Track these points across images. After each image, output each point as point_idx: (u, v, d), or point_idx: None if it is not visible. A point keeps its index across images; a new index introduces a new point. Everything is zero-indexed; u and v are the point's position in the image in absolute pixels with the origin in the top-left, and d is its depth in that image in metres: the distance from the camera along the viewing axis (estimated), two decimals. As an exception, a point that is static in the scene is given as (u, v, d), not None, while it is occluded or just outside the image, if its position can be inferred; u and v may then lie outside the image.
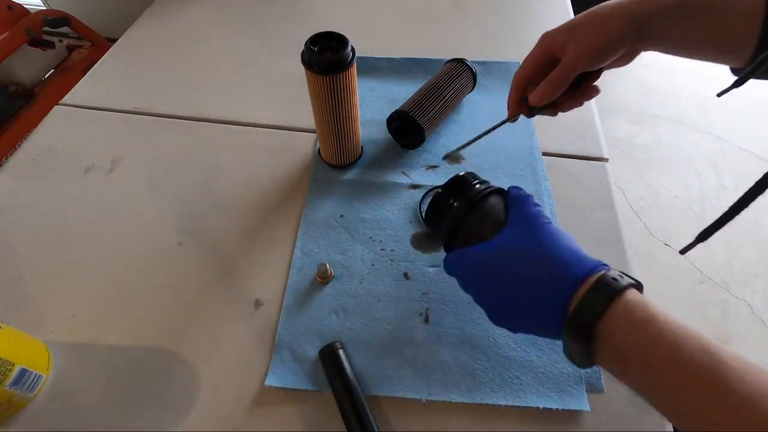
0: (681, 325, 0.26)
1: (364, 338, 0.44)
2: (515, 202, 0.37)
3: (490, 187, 0.40)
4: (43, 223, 0.54)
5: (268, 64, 0.75)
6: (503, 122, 0.49)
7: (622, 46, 0.38)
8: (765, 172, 0.35)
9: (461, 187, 0.41)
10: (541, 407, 0.39)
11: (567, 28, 0.40)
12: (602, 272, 0.29)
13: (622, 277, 0.29)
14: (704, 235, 0.40)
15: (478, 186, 0.41)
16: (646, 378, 0.26)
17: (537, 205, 0.36)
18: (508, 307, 0.33)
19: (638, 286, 0.30)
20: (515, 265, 0.32)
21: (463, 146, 0.57)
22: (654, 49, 0.40)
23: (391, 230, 0.52)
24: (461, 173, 0.42)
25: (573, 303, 0.29)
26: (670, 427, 0.39)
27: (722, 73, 0.41)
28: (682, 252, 0.42)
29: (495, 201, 0.40)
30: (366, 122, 0.62)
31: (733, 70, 0.39)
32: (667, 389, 0.25)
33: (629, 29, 0.37)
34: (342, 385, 0.39)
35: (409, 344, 0.44)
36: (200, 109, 0.67)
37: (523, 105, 0.45)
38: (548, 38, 0.42)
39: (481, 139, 0.54)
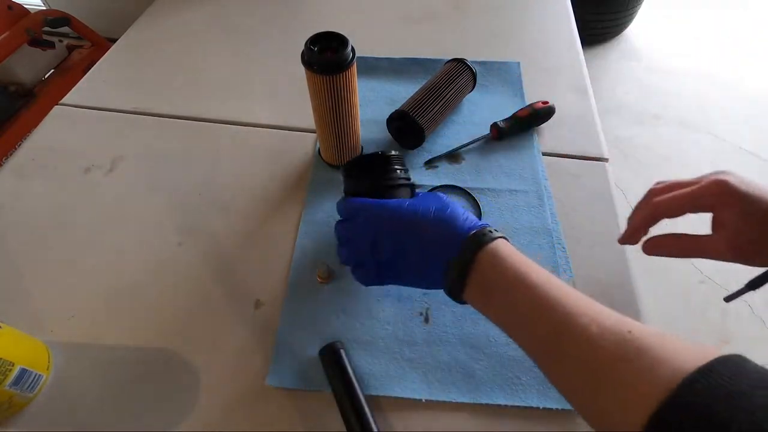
0: (528, 262, 0.32)
1: (364, 338, 0.44)
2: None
3: (404, 179, 0.43)
4: (43, 223, 0.54)
5: (268, 63, 0.75)
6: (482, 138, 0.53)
7: None
8: None
9: (383, 164, 0.43)
10: (541, 407, 0.39)
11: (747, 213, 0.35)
12: (481, 228, 0.34)
13: (494, 231, 0.34)
14: (755, 284, 0.38)
15: (397, 173, 0.43)
16: (501, 301, 0.32)
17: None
18: (399, 259, 0.36)
19: (506, 239, 0.35)
20: (417, 223, 0.35)
21: (445, 155, 0.59)
22: None
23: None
24: (392, 153, 0.44)
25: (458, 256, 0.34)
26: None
27: (723, 73, 0.41)
28: (728, 300, 0.41)
29: (403, 194, 0.43)
30: (366, 122, 0.62)
31: None
32: (514, 306, 0.31)
33: None
34: (342, 385, 0.39)
35: (409, 344, 0.44)
36: (200, 109, 0.67)
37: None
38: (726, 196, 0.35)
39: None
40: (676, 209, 0.37)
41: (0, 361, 0.36)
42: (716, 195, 0.35)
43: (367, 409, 0.38)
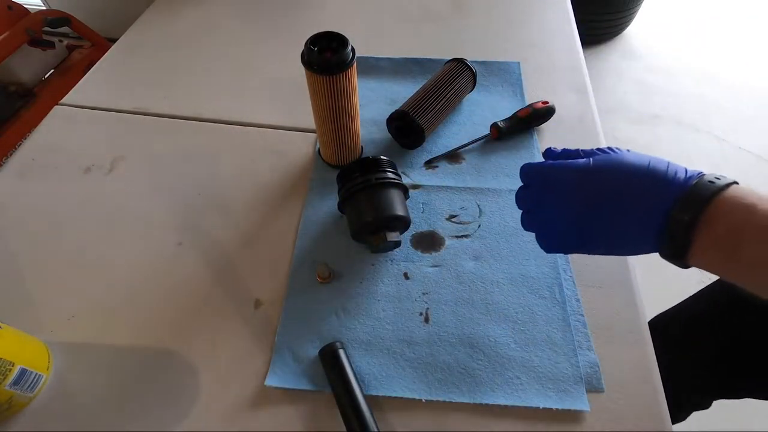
0: None
1: (364, 338, 0.44)
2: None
3: (394, 179, 0.46)
4: (44, 223, 0.54)
5: (269, 64, 0.75)
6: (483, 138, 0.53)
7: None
8: None
9: (374, 166, 0.47)
10: (541, 407, 0.39)
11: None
12: (701, 175, 0.29)
13: (721, 177, 0.29)
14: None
15: (388, 174, 0.47)
16: (760, 253, 0.26)
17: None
18: (595, 222, 0.32)
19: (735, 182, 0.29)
20: (615, 180, 0.31)
21: (445, 155, 0.59)
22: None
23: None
24: (382, 157, 0.48)
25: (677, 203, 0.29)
26: (669, 426, 0.39)
27: (723, 73, 0.41)
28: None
29: (393, 193, 0.46)
30: (366, 122, 0.62)
31: None
32: None
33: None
34: (342, 385, 0.39)
35: (409, 344, 0.44)
36: (200, 109, 0.67)
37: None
38: None
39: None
40: None
41: (0, 361, 0.36)
42: None
43: (367, 409, 0.38)
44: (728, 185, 0.28)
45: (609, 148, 0.34)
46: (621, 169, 0.31)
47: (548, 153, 0.38)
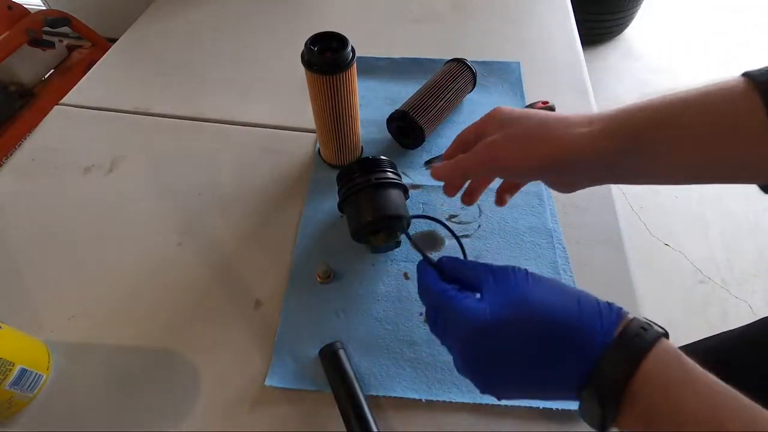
0: (721, 387, 0.22)
1: (364, 338, 0.44)
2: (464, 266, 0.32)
3: (394, 180, 0.46)
4: (43, 223, 0.54)
5: (268, 64, 0.75)
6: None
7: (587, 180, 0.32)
8: None
9: (374, 166, 0.46)
10: (541, 407, 0.39)
11: (513, 141, 0.33)
12: (626, 321, 0.25)
13: (649, 326, 0.24)
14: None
15: (388, 174, 0.46)
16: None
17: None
18: (511, 381, 0.27)
19: (666, 335, 0.25)
20: (521, 338, 0.26)
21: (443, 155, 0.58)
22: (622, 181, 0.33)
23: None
24: (382, 157, 0.47)
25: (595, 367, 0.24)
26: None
27: (723, 73, 0.41)
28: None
29: (393, 193, 0.45)
30: (366, 122, 0.62)
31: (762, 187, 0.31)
32: None
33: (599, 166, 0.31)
34: (342, 385, 0.39)
35: (409, 344, 0.44)
36: (200, 109, 0.67)
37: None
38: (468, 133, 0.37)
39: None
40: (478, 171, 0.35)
41: (0, 361, 0.36)
42: (486, 122, 0.36)
43: (367, 409, 0.38)
44: (652, 342, 0.24)
45: (513, 269, 0.29)
46: (529, 323, 0.26)
47: (440, 265, 0.32)
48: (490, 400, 0.40)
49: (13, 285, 0.49)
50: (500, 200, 0.43)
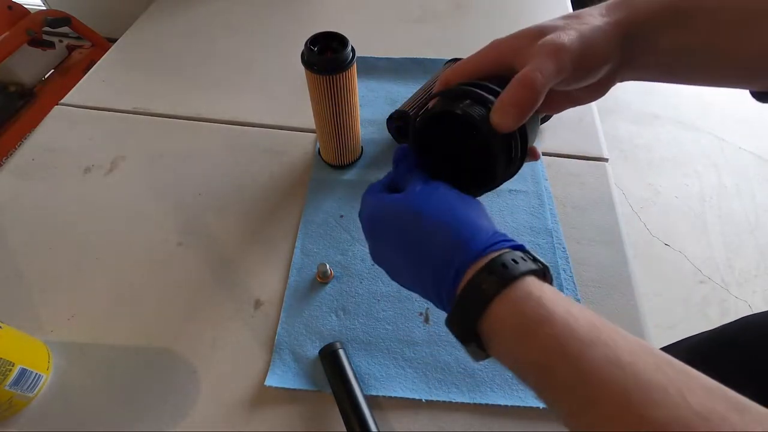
0: (583, 322, 0.21)
1: (364, 338, 0.44)
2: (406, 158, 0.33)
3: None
4: (43, 223, 0.54)
5: (268, 64, 0.75)
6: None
7: (606, 62, 0.29)
8: None
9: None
10: (541, 407, 0.39)
11: (529, 38, 0.29)
12: (499, 251, 0.25)
13: (523, 260, 0.24)
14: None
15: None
16: (539, 385, 0.22)
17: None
18: (400, 270, 0.30)
19: (541, 272, 0.25)
20: (413, 227, 0.28)
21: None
22: (640, 75, 0.32)
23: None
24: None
25: (461, 285, 0.25)
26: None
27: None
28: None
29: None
30: (366, 122, 0.62)
31: (756, 94, 0.31)
32: (564, 401, 0.21)
33: (616, 38, 0.29)
34: (342, 385, 0.39)
35: (409, 344, 0.44)
36: (200, 109, 0.67)
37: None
38: (504, 46, 0.30)
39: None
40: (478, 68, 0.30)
41: (0, 361, 0.36)
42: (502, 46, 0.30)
43: (367, 409, 0.38)
44: (516, 277, 0.23)
45: (437, 186, 0.29)
46: (406, 223, 0.28)
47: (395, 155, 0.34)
48: (489, 400, 0.40)
49: (13, 285, 0.49)
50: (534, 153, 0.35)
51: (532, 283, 0.23)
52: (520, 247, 0.26)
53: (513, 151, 0.29)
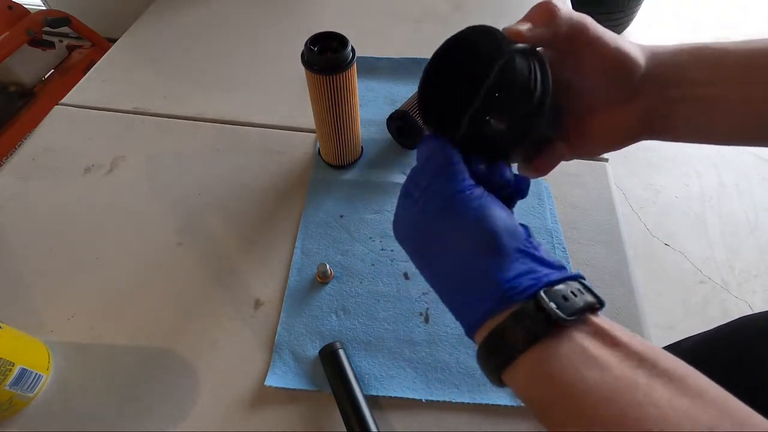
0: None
1: (364, 338, 0.44)
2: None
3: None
4: (43, 223, 0.54)
5: (268, 64, 0.75)
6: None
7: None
8: None
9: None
10: (541, 407, 0.39)
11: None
12: (516, 306, 0.22)
13: (569, 298, 0.21)
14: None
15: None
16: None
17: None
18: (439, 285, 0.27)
19: (593, 307, 0.22)
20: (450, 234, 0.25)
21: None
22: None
23: (390, 230, 0.51)
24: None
25: (481, 332, 0.23)
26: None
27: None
28: None
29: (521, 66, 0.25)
30: (366, 122, 0.62)
31: None
32: None
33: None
34: (342, 385, 0.39)
35: (409, 344, 0.44)
36: (200, 109, 0.67)
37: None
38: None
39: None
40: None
41: (0, 361, 0.36)
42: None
43: (367, 409, 0.38)
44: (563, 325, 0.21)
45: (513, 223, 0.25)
46: (450, 223, 0.24)
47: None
48: (489, 400, 0.40)
49: (13, 285, 0.49)
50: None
51: (555, 351, 0.21)
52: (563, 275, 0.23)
53: (532, 76, 0.25)
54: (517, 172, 0.29)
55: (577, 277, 0.23)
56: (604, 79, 0.28)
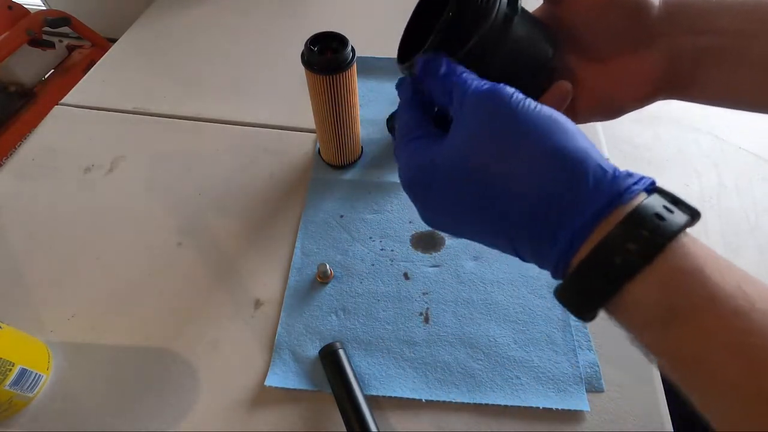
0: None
1: (364, 338, 0.44)
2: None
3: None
4: (44, 223, 0.54)
5: (268, 64, 0.74)
6: None
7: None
8: None
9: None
10: (541, 407, 0.39)
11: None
12: (637, 201, 0.18)
13: (671, 209, 0.18)
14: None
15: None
16: (689, 341, 0.17)
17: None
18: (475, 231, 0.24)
19: (692, 219, 0.19)
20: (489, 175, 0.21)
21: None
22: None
23: (391, 230, 0.52)
24: None
25: (586, 245, 0.19)
26: (669, 426, 0.39)
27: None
28: None
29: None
30: (366, 122, 0.62)
31: None
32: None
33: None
34: (342, 385, 0.39)
35: (409, 344, 0.44)
36: (200, 109, 0.67)
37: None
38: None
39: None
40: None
41: (0, 361, 0.36)
42: None
43: (367, 409, 0.38)
44: (675, 233, 0.18)
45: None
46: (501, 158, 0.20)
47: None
48: (489, 400, 0.40)
49: (13, 285, 0.49)
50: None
51: (689, 249, 0.18)
52: (653, 186, 0.19)
53: None
54: None
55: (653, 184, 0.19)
56: (603, 19, 0.25)
